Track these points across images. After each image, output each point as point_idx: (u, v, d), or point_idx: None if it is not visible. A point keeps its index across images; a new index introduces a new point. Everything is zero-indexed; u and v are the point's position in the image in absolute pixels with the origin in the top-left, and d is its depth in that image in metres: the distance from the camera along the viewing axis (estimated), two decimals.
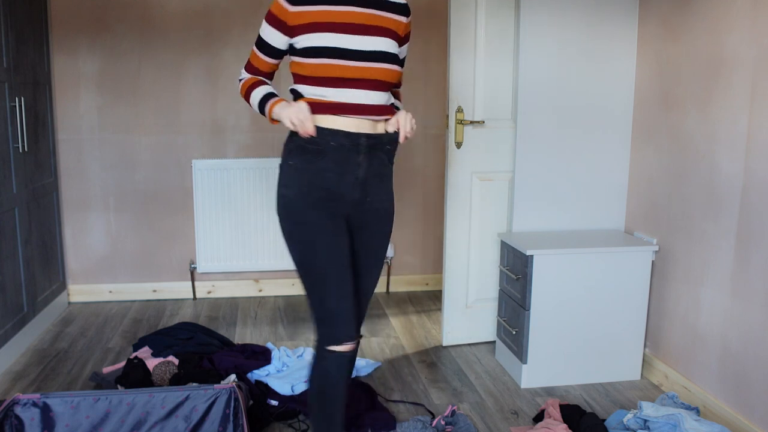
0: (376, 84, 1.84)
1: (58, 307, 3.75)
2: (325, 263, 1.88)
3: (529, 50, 2.98)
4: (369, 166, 1.89)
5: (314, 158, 1.86)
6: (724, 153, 2.48)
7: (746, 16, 2.36)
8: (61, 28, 3.74)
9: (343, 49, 1.79)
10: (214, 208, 3.94)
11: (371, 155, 1.88)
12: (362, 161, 1.87)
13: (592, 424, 2.38)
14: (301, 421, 2.55)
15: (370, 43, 1.82)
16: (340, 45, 1.79)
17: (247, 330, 3.54)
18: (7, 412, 2.13)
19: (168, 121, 3.90)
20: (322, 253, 1.88)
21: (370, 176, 1.90)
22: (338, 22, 1.80)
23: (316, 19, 1.80)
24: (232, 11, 3.84)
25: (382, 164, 1.93)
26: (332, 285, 1.88)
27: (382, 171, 1.93)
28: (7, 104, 3.07)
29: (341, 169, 1.86)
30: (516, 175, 3.06)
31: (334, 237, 1.88)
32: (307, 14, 1.80)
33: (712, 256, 2.57)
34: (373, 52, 1.82)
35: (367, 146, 1.87)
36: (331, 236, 1.88)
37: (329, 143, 1.83)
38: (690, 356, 2.71)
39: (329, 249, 1.88)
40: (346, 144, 1.84)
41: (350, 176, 1.87)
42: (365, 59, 1.81)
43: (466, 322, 3.31)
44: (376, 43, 1.83)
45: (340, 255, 1.88)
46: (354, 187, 1.89)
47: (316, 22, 1.79)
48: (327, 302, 1.89)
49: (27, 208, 3.32)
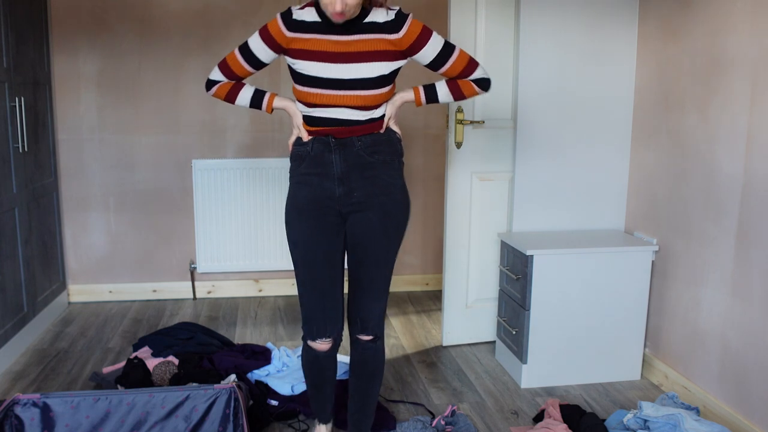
0: (355, 106, 1.96)
1: (58, 307, 3.75)
2: (302, 265, 2.05)
3: (529, 50, 2.98)
4: (344, 161, 1.99)
5: (299, 164, 2.05)
6: (724, 153, 2.48)
7: (746, 17, 2.36)
8: (61, 28, 3.74)
9: (324, 79, 1.92)
10: (214, 208, 3.94)
11: (344, 151, 1.99)
12: (336, 159, 1.99)
13: (592, 424, 2.38)
14: (301, 421, 2.55)
15: (350, 71, 1.92)
16: (321, 74, 1.92)
17: (247, 330, 3.54)
18: (7, 412, 2.13)
19: (168, 121, 3.90)
20: (300, 255, 2.05)
21: (349, 171, 2.00)
22: (323, 51, 1.91)
23: (305, 46, 1.93)
24: (232, 11, 3.84)
25: (359, 157, 2.00)
26: (307, 286, 2.06)
27: (362, 164, 2.00)
28: (7, 104, 3.07)
29: (320, 170, 2.01)
30: (516, 175, 3.06)
31: (314, 239, 2.02)
32: (300, 41, 1.94)
33: (712, 256, 2.57)
34: (351, 80, 1.92)
35: (336, 144, 1.99)
36: (310, 238, 2.02)
37: (307, 149, 2.02)
38: (690, 356, 2.71)
39: (306, 251, 2.03)
40: (319, 146, 2.00)
41: (328, 174, 2.01)
42: (343, 87, 1.92)
43: (466, 322, 3.31)
44: (357, 70, 1.92)
45: (315, 257, 2.03)
46: (334, 183, 2.01)
47: (305, 50, 1.93)
48: (304, 302, 2.09)
49: (27, 208, 3.32)
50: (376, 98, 1.97)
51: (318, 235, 2.02)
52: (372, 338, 2.15)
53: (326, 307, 2.07)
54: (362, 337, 2.15)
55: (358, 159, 2.00)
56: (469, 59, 2.03)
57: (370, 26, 1.93)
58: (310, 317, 2.09)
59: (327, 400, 2.30)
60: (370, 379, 2.20)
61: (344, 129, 1.98)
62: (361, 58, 1.92)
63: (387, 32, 1.94)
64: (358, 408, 2.23)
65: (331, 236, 2.04)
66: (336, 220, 2.04)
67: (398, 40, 1.95)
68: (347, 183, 2.00)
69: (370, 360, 2.18)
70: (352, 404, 2.24)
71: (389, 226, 2.04)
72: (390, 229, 2.05)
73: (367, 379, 2.20)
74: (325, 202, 2.02)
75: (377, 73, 1.94)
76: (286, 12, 1.95)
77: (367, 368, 2.19)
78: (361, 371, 2.19)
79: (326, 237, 2.03)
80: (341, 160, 1.99)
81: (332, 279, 2.06)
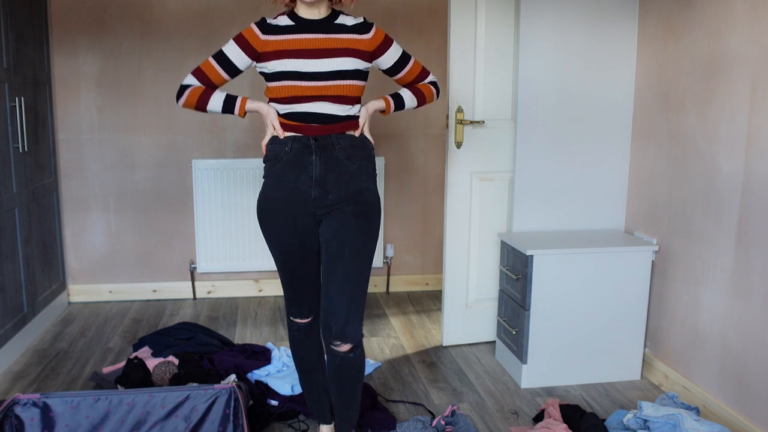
0: (334, 98, 2.02)
1: (58, 307, 3.75)
2: (279, 262, 2.16)
3: (529, 50, 2.98)
4: (323, 164, 2.03)
5: (274, 163, 2.07)
6: (724, 153, 2.48)
7: (746, 17, 2.36)
8: (61, 28, 3.74)
9: (301, 72, 1.98)
10: (214, 208, 3.94)
11: (324, 155, 2.03)
12: (315, 161, 2.03)
13: (592, 424, 2.38)
14: (301, 421, 2.55)
15: (327, 65, 1.99)
16: (299, 69, 1.98)
17: (247, 330, 3.54)
18: (7, 412, 2.13)
19: (168, 121, 3.90)
20: (276, 253, 2.14)
21: (327, 175, 2.04)
22: (299, 49, 1.99)
23: (281, 47, 2.00)
24: (232, 11, 3.84)
25: (338, 162, 2.05)
26: (285, 277, 2.17)
27: (340, 167, 2.05)
28: (7, 104, 3.07)
29: (297, 170, 2.04)
30: (516, 175, 3.06)
31: (289, 240, 2.10)
32: (274, 43, 2.01)
33: (712, 256, 2.57)
34: (329, 72, 1.99)
35: (317, 147, 2.03)
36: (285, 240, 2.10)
37: (284, 149, 2.05)
38: (690, 356, 2.71)
39: (282, 252, 2.13)
40: (297, 147, 2.03)
41: (305, 176, 2.04)
42: (321, 79, 1.99)
43: (466, 322, 3.31)
44: (333, 63, 2.00)
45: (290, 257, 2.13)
46: (310, 185, 2.04)
47: (280, 50, 2.00)
48: (285, 289, 2.22)
49: (27, 208, 3.32)
50: (353, 89, 2.04)
51: (292, 237, 2.09)
52: (349, 348, 2.04)
53: (301, 295, 2.19)
54: (338, 347, 2.04)
55: (337, 162, 2.04)
56: (422, 67, 2.24)
57: (341, 27, 2.05)
58: (289, 303, 2.22)
59: (321, 393, 2.31)
60: (352, 384, 2.13)
61: (322, 127, 2.02)
62: (336, 53, 2.01)
63: (357, 33, 2.06)
64: (342, 406, 2.19)
65: (305, 237, 2.09)
66: (310, 221, 2.08)
67: (367, 41, 2.07)
68: (323, 185, 2.04)
69: (347, 370, 2.09)
70: (335, 404, 2.21)
71: (364, 224, 2.07)
72: (365, 227, 2.07)
73: (348, 385, 2.13)
74: (299, 203, 2.05)
75: (352, 66, 2.02)
76: (260, 20, 2.05)
77: (345, 377, 2.10)
78: (341, 382, 2.12)
79: (300, 238, 2.09)
80: (321, 163, 2.03)
81: (307, 273, 2.16)
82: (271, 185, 2.08)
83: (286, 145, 2.04)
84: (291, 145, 2.03)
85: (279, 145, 2.06)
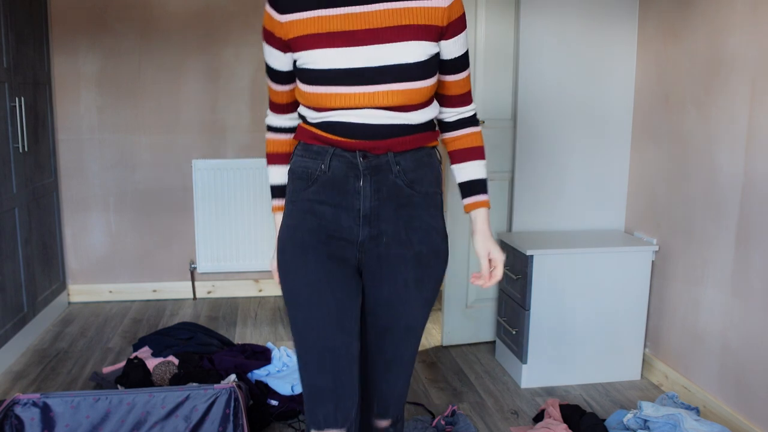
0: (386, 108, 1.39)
1: (58, 307, 3.75)
2: (304, 328, 1.43)
3: (529, 50, 2.98)
4: (375, 192, 1.43)
5: (305, 185, 1.46)
6: (724, 153, 2.48)
7: (746, 17, 2.36)
8: (61, 28, 3.74)
9: (336, 71, 1.35)
10: (214, 208, 3.94)
11: (376, 178, 1.42)
12: (364, 189, 1.42)
13: (592, 424, 2.38)
14: (301, 421, 2.55)
15: (379, 56, 1.35)
16: (332, 65, 1.35)
17: (247, 330, 3.54)
18: (7, 412, 2.13)
19: (168, 121, 3.90)
20: (302, 314, 1.44)
21: (380, 207, 1.44)
22: (334, 32, 1.36)
23: (306, 30, 1.38)
24: (232, 11, 3.84)
25: (395, 188, 1.44)
26: (312, 357, 1.43)
27: (398, 197, 1.44)
28: (7, 104, 3.07)
29: (338, 200, 1.43)
30: (516, 175, 3.06)
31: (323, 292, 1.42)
32: (297, 24, 1.38)
33: (712, 256, 2.57)
34: (381, 69, 1.35)
35: (368, 167, 1.42)
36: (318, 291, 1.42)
37: (320, 166, 1.43)
38: (690, 356, 2.71)
39: (311, 308, 1.43)
40: (338, 166, 1.42)
41: (350, 209, 1.43)
42: (369, 82, 1.35)
43: (466, 322, 3.31)
44: (389, 53, 1.35)
45: (324, 317, 1.42)
46: (357, 221, 1.44)
47: (306, 35, 1.38)
48: (306, 378, 1.46)
49: (27, 208, 3.32)
50: (422, 93, 1.40)
51: (328, 288, 1.43)
52: (390, 423, 1.65)
53: (338, 387, 1.43)
54: (379, 423, 1.64)
55: (394, 190, 1.44)
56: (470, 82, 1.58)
57: None
58: (315, 400, 1.44)
59: None
60: None
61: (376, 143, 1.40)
62: (391, 35, 1.35)
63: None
64: None
65: (346, 290, 1.45)
66: (353, 271, 1.48)
67: (442, 10, 1.38)
68: (376, 224, 1.44)
69: None
70: None
71: (427, 283, 1.50)
72: (427, 286, 1.51)
73: None
74: (341, 244, 1.45)
75: (420, 55, 1.37)
76: None
77: None
78: None
79: (340, 291, 1.44)
80: (372, 191, 1.42)
81: (347, 348, 1.44)
82: (299, 215, 1.46)
83: (322, 160, 1.43)
84: (329, 161, 1.42)
85: (311, 159, 1.44)
